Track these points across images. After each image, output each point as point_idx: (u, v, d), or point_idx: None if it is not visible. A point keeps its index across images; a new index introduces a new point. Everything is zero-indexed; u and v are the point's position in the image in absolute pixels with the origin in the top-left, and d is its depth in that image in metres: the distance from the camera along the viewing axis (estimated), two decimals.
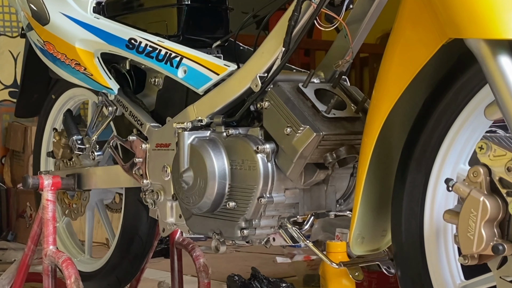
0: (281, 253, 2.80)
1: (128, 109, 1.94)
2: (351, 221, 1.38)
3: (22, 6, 2.12)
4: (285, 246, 1.85)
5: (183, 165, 1.65)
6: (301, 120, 1.50)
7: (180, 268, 2.26)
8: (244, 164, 1.57)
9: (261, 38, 1.71)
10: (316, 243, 2.22)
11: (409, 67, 1.27)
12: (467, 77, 1.28)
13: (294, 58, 3.09)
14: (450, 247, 1.35)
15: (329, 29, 1.52)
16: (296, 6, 1.50)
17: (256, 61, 1.62)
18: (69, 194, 2.30)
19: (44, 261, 2.05)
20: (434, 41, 1.24)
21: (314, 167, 1.57)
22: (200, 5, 1.89)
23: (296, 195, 1.60)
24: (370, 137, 1.34)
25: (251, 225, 1.60)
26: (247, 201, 1.57)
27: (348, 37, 1.51)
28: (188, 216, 1.73)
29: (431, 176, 1.34)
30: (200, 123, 1.67)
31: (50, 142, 2.40)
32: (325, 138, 1.49)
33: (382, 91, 1.34)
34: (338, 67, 1.47)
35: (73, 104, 2.31)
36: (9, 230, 3.83)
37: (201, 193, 1.61)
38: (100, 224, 2.34)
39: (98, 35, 1.91)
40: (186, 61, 1.75)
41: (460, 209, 1.22)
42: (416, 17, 1.27)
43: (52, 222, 2.06)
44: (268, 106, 1.55)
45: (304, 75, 1.69)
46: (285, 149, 1.52)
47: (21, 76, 2.41)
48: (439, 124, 1.32)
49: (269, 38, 1.60)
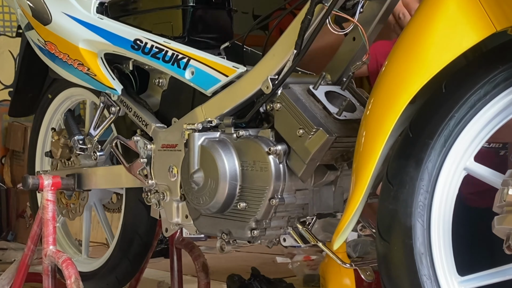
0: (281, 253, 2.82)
1: (132, 110, 1.94)
2: (344, 219, 1.38)
3: (20, 5, 2.11)
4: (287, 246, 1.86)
5: (193, 166, 1.66)
6: (314, 122, 1.51)
7: (179, 268, 2.27)
8: (255, 165, 1.58)
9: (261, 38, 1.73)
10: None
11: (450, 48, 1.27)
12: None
13: None
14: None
15: (343, 32, 1.54)
16: (309, 9, 1.52)
17: (267, 63, 1.63)
18: (67, 194, 2.30)
19: (44, 261, 2.05)
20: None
21: (324, 168, 1.60)
22: (205, 7, 1.90)
23: (306, 196, 1.62)
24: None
25: (262, 225, 1.62)
26: (258, 202, 1.59)
27: (365, 38, 1.52)
28: (196, 216, 1.74)
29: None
30: (209, 124, 1.68)
31: (46, 142, 2.40)
32: (337, 140, 1.52)
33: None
34: (356, 69, 1.49)
35: (71, 104, 2.31)
36: (9, 230, 3.81)
37: (212, 194, 1.62)
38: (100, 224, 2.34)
39: (103, 36, 1.91)
40: (193, 62, 1.75)
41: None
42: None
43: (52, 222, 2.06)
44: (280, 108, 1.57)
45: (311, 77, 1.72)
46: (297, 150, 1.54)
47: (17, 75, 2.40)
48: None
49: (280, 40, 1.61)
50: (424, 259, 1.31)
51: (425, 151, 1.31)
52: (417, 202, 1.31)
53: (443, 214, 1.33)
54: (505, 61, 1.29)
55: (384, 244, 1.34)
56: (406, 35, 1.33)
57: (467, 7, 1.27)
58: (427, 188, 1.31)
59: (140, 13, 1.95)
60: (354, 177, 1.36)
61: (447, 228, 1.34)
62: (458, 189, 1.34)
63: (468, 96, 1.30)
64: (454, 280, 1.33)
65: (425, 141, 1.31)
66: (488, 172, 1.33)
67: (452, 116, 1.30)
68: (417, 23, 1.32)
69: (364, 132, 1.35)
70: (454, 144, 1.31)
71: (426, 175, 1.31)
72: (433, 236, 1.32)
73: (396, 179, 1.33)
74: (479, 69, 1.31)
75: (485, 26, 1.26)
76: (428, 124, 1.32)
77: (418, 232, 1.31)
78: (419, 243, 1.31)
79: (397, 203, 1.32)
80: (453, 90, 1.31)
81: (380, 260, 1.36)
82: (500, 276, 1.30)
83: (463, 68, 1.33)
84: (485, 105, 1.30)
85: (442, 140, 1.31)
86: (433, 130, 1.31)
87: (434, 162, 1.31)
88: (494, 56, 1.31)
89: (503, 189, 1.25)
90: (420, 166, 1.31)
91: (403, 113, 1.31)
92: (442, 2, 1.29)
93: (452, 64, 1.30)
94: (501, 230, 1.26)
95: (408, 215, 1.31)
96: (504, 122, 1.32)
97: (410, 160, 1.32)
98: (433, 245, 1.32)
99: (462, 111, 1.30)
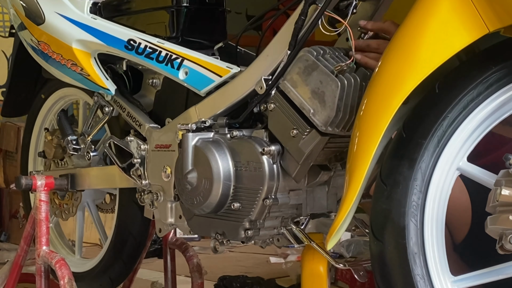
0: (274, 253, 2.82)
1: (126, 110, 1.95)
2: (338, 219, 1.38)
3: (13, 5, 2.11)
4: (280, 246, 1.86)
5: (187, 166, 1.66)
6: (307, 122, 1.52)
7: (173, 268, 2.27)
8: (249, 165, 1.59)
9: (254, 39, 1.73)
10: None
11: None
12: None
13: None
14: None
15: (333, 33, 1.54)
16: (302, 10, 1.52)
17: (261, 63, 1.63)
18: (60, 195, 2.30)
19: (37, 262, 2.04)
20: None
21: (318, 169, 1.60)
22: (199, 7, 1.90)
23: (299, 196, 1.62)
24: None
25: (255, 226, 1.62)
26: (252, 202, 1.59)
27: (351, 41, 1.53)
28: (189, 216, 1.74)
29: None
30: (203, 125, 1.68)
31: (39, 142, 2.40)
32: (331, 140, 1.52)
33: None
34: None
35: (64, 104, 2.31)
36: (2, 231, 3.80)
37: (205, 194, 1.63)
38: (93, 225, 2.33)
39: (96, 36, 1.90)
40: (187, 62, 1.76)
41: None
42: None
43: (45, 222, 2.06)
44: (274, 108, 1.57)
45: None
46: (291, 151, 1.55)
47: (9, 75, 2.39)
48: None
49: (274, 41, 1.62)
50: (417, 259, 1.32)
51: (419, 151, 1.32)
52: (411, 202, 1.32)
53: (436, 214, 1.34)
54: (498, 62, 1.29)
55: (377, 244, 1.34)
56: (399, 36, 1.34)
57: (460, 8, 1.28)
58: (421, 188, 1.32)
59: (133, 13, 1.95)
60: (347, 177, 1.37)
61: (440, 228, 1.34)
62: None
63: (461, 96, 1.30)
64: (447, 279, 1.33)
65: (419, 141, 1.32)
66: (481, 173, 1.33)
67: (445, 116, 1.31)
68: (410, 24, 1.32)
69: (358, 132, 1.35)
70: (447, 145, 1.32)
71: (420, 175, 1.32)
72: (426, 236, 1.33)
73: (390, 179, 1.33)
74: (472, 69, 1.31)
75: (478, 27, 1.26)
76: (421, 124, 1.32)
77: (411, 232, 1.32)
78: (412, 243, 1.32)
79: (391, 203, 1.33)
80: (446, 90, 1.32)
81: (373, 260, 1.36)
82: (493, 276, 1.31)
83: (456, 68, 1.34)
84: (478, 105, 1.31)
85: (436, 141, 1.32)
86: (427, 131, 1.32)
87: (428, 162, 1.32)
88: (487, 56, 1.32)
89: (496, 189, 1.25)
90: (413, 166, 1.32)
91: (397, 114, 1.32)
92: (435, 3, 1.29)
93: (445, 65, 1.30)
94: (494, 230, 1.27)
95: (401, 215, 1.32)
96: (497, 123, 1.33)
97: (404, 160, 1.33)
98: (426, 245, 1.33)
99: (455, 111, 1.31)
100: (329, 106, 1.47)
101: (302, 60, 1.52)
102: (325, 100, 1.47)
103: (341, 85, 1.46)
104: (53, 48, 2.00)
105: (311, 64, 1.50)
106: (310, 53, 1.51)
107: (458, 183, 1.72)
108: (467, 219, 1.79)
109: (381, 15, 1.62)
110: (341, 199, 1.62)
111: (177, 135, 1.72)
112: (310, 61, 1.50)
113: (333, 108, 1.46)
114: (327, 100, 1.47)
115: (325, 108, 1.47)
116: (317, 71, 1.49)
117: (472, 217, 1.78)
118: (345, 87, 1.46)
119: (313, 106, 1.49)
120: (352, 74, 1.50)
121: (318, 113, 1.48)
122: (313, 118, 1.49)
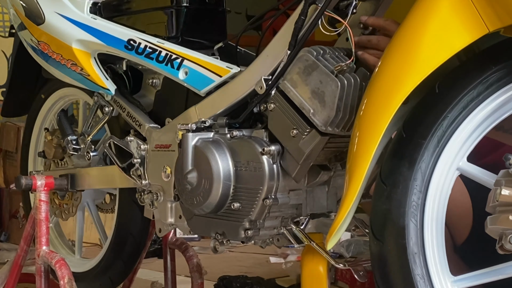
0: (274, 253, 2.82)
1: (126, 110, 1.95)
2: (338, 219, 1.38)
3: (13, 5, 2.11)
4: (280, 246, 1.86)
5: (187, 166, 1.66)
6: (307, 122, 1.52)
7: (173, 268, 2.27)
8: (249, 165, 1.59)
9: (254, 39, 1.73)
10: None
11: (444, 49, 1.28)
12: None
13: None
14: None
15: (333, 33, 1.54)
16: (302, 10, 1.52)
17: (261, 63, 1.63)
18: (60, 195, 2.30)
19: (37, 262, 2.04)
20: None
21: (318, 169, 1.60)
22: (199, 7, 1.90)
23: (299, 196, 1.62)
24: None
25: (255, 226, 1.62)
26: (252, 202, 1.59)
27: (351, 41, 1.53)
28: (189, 216, 1.74)
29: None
30: (203, 125, 1.68)
31: (38, 142, 2.40)
32: (331, 140, 1.52)
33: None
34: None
35: (64, 104, 2.31)
36: (2, 231, 3.81)
37: (205, 194, 1.62)
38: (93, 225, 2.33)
39: (96, 36, 1.90)
40: (187, 62, 1.76)
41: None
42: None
43: (45, 222, 2.06)
44: (274, 108, 1.57)
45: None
46: (291, 151, 1.55)
47: (9, 75, 2.39)
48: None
49: (274, 41, 1.62)
50: (417, 259, 1.32)
51: (419, 151, 1.32)
52: (411, 202, 1.32)
53: (436, 214, 1.34)
54: (498, 62, 1.29)
55: (377, 244, 1.34)
56: (399, 36, 1.34)
57: (460, 8, 1.28)
58: (420, 188, 1.32)
59: (133, 13, 1.95)
60: (347, 177, 1.37)
61: (440, 228, 1.34)
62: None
63: (461, 96, 1.30)
64: (447, 279, 1.33)
65: (419, 141, 1.32)
66: (481, 173, 1.33)
67: (445, 116, 1.31)
68: (410, 24, 1.32)
69: (358, 132, 1.35)
70: (447, 145, 1.32)
71: (419, 175, 1.32)
72: (426, 236, 1.33)
73: (390, 179, 1.34)
74: (472, 69, 1.31)
75: (478, 26, 1.26)
76: (421, 124, 1.32)
77: (411, 232, 1.32)
78: (412, 243, 1.32)
79: (391, 203, 1.33)
80: (446, 90, 1.32)
81: (373, 260, 1.36)
82: (493, 276, 1.31)
83: (456, 68, 1.34)
84: (478, 105, 1.31)
85: (435, 141, 1.32)
86: (426, 131, 1.32)
87: (427, 162, 1.32)
88: (487, 56, 1.32)
89: (496, 189, 1.25)
90: (413, 166, 1.32)
91: (397, 114, 1.32)
92: (435, 3, 1.29)
93: (445, 65, 1.30)
94: (494, 230, 1.27)
95: (401, 215, 1.32)
96: (497, 123, 1.33)
97: (404, 160, 1.33)
98: (426, 245, 1.33)
99: (455, 111, 1.31)
100: (329, 106, 1.47)
101: (302, 60, 1.52)
102: (325, 100, 1.47)
103: (341, 85, 1.46)
104: (53, 48, 2.00)
105: (311, 64, 1.50)
106: (310, 53, 1.51)
107: (459, 186, 1.72)
108: (468, 221, 1.79)
109: (381, 15, 1.62)
110: (341, 199, 1.62)
111: (177, 135, 1.72)
112: (310, 61, 1.51)
113: (333, 108, 1.46)
114: (327, 100, 1.47)
115: (325, 108, 1.48)
116: (317, 71, 1.49)
117: (473, 219, 1.78)
118: (345, 87, 1.46)
119: (313, 106, 1.49)
120: (352, 74, 1.50)
121: (318, 113, 1.49)
122: (313, 118, 1.49)
